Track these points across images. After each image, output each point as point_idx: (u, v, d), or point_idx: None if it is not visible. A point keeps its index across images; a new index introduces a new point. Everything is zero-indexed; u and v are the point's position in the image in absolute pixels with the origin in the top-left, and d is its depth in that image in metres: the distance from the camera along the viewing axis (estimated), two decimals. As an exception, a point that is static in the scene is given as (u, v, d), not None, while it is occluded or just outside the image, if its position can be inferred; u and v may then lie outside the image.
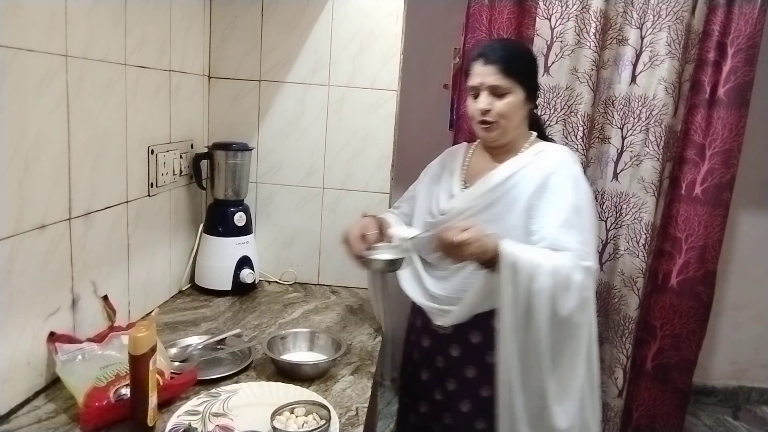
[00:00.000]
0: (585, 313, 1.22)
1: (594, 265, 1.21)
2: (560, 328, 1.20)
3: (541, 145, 1.34)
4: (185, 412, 1.02)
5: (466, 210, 1.31)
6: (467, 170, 1.41)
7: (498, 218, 1.27)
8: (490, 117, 1.28)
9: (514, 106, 1.28)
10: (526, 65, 1.33)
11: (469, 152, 1.45)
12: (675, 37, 1.99)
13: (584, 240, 1.21)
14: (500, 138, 1.32)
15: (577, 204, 1.23)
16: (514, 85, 1.27)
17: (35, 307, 1.03)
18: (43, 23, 0.99)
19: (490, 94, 1.28)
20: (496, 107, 1.27)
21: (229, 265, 1.66)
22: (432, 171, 1.50)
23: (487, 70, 1.27)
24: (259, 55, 1.73)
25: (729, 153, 2.12)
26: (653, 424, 2.35)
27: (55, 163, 1.06)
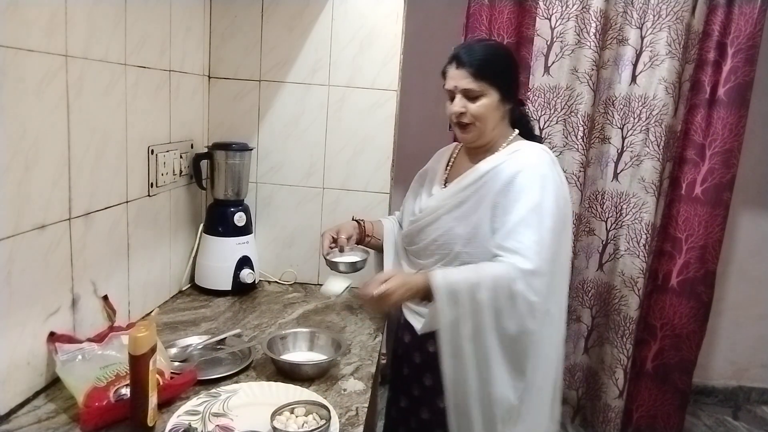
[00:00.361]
0: (536, 318, 1.21)
1: (541, 266, 1.19)
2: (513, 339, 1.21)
3: (519, 143, 1.34)
4: (185, 412, 1.02)
5: (438, 208, 1.34)
6: (450, 170, 1.44)
7: (465, 216, 1.29)
8: (465, 119, 1.30)
9: (488, 108, 1.29)
10: (500, 67, 1.31)
11: (455, 152, 1.48)
12: (675, 37, 1.99)
13: (539, 240, 1.20)
14: (477, 139, 1.33)
15: (540, 203, 1.22)
16: (486, 87, 1.27)
17: (35, 307, 1.03)
18: (43, 23, 0.99)
19: (464, 97, 1.29)
20: (470, 109, 1.29)
21: (229, 265, 1.66)
22: (420, 174, 1.54)
23: (460, 74, 1.28)
24: (259, 55, 1.73)
25: (729, 153, 2.12)
26: (653, 424, 2.35)
27: (55, 163, 1.06)
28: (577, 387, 2.35)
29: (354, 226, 1.53)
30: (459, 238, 1.29)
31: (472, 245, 1.28)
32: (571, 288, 2.19)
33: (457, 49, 1.32)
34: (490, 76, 1.27)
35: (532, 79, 2.08)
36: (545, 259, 1.20)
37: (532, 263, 1.18)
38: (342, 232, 1.48)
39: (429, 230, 1.35)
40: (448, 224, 1.32)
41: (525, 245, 1.19)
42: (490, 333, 1.20)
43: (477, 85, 1.26)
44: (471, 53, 1.29)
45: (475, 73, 1.26)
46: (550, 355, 1.30)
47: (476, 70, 1.27)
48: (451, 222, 1.31)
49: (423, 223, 1.37)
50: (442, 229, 1.32)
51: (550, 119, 2.08)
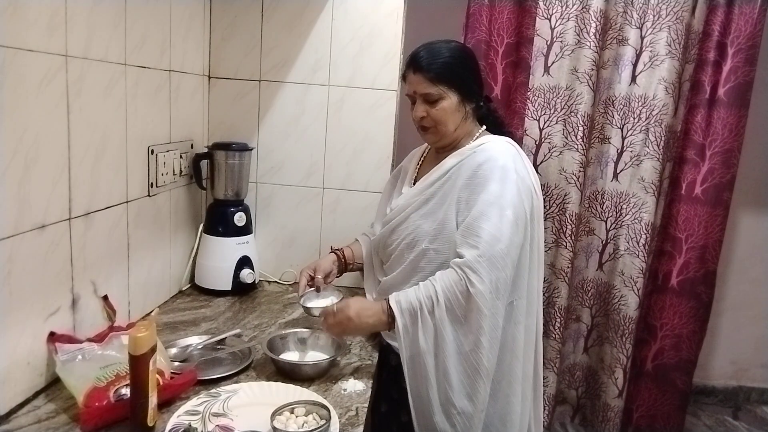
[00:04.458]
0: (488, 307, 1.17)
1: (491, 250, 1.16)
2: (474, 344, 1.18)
3: (484, 138, 1.34)
4: (185, 412, 1.02)
5: (407, 206, 1.35)
6: (420, 169, 1.46)
7: (431, 212, 1.30)
8: (426, 123, 1.31)
9: (448, 111, 1.29)
10: (457, 68, 1.30)
11: (426, 151, 1.49)
12: (675, 37, 1.99)
13: (496, 231, 1.18)
14: (440, 141, 1.35)
15: (500, 194, 1.21)
16: (444, 90, 1.27)
17: (35, 307, 1.03)
18: (43, 23, 0.99)
19: (424, 102, 1.30)
20: (430, 113, 1.29)
21: (229, 265, 1.66)
22: (392, 176, 1.56)
23: (417, 79, 1.29)
24: (259, 55, 1.73)
25: (729, 153, 2.12)
26: (653, 424, 2.35)
27: (55, 163, 1.06)
28: (576, 386, 2.35)
29: (333, 260, 1.50)
30: (426, 234, 1.29)
31: (438, 241, 1.27)
32: (571, 287, 2.19)
33: (414, 54, 1.31)
34: (448, 79, 1.27)
35: (532, 79, 2.08)
36: (502, 249, 1.17)
37: (482, 254, 1.16)
38: (319, 271, 1.45)
39: (399, 230, 1.35)
40: (415, 222, 1.32)
41: (481, 238, 1.18)
42: (450, 343, 1.18)
43: (435, 89, 1.27)
44: (427, 57, 1.28)
45: (432, 78, 1.27)
46: (515, 353, 1.28)
47: (433, 74, 1.27)
48: (418, 219, 1.31)
49: (393, 223, 1.37)
50: (411, 228, 1.32)
51: (550, 119, 2.08)
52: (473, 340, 1.18)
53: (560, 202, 2.11)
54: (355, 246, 1.57)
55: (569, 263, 2.13)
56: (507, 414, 1.29)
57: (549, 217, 2.11)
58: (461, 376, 1.19)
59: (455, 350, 1.19)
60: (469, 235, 1.20)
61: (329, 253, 1.54)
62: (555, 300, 2.16)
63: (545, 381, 2.18)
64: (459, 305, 1.17)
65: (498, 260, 1.17)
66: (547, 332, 2.16)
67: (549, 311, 2.15)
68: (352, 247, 1.56)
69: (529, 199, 1.26)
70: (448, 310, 1.17)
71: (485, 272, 1.15)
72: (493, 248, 1.17)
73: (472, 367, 1.19)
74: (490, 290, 1.16)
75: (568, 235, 2.11)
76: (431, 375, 1.19)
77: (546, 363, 2.15)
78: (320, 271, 1.44)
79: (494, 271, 1.16)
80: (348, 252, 1.54)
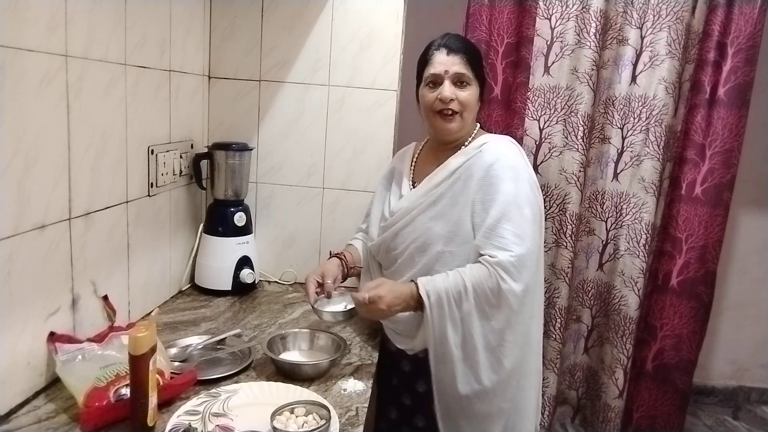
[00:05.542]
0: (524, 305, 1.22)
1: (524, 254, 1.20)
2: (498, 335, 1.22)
3: (484, 137, 1.34)
4: (185, 412, 1.02)
5: (412, 209, 1.32)
6: (415, 170, 1.42)
7: (443, 214, 1.28)
8: (453, 106, 1.28)
9: (474, 99, 1.30)
10: (481, 62, 1.34)
11: (417, 151, 1.46)
12: (675, 37, 1.99)
13: (520, 231, 1.20)
14: (459, 130, 1.32)
15: (516, 194, 1.22)
16: (473, 77, 1.29)
17: (35, 307, 1.03)
18: (43, 23, 0.99)
19: (454, 84, 1.27)
20: (459, 96, 1.27)
21: (229, 265, 1.66)
22: (383, 178, 1.51)
23: (451, 60, 1.27)
24: (259, 55, 1.73)
25: (729, 153, 2.11)
26: (653, 424, 2.34)
27: (55, 163, 1.06)
28: (577, 387, 2.35)
29: (337, 264, 1.44)
30: (439, 237, 1.27)
31: (454, 243, 1.26)
32: (571, 288, 2.19)
33: (444, 40, 1.31)
34: (477, 68, 1.30)
35: (532, 79, 2.08)
36: (528, 248, 1.21)
37: (515, 255, 1.18)
38: (327, 276, 1.38)
39: (405, 233, 1.32)
40: (424, 224, 1.29)
41: (508, 240, 1.19)
42: (478, 337, 1.21)
43: (469, 71, 1.27)
44: (460, 43, 1.30)
45: (468, 61, 1.27)
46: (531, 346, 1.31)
47: (468, 57, 1.28)
48: (427, 222, 1.29)
49: (397, 226, 1.34)
50: (420, 230, 1.30)
51: (550, 119, 2.08)
52: (499, 336, 1.22)
53: (560, 202, 2.11)
54: (352, 250, 1.53)
55: (569, 263, 2.13)
56: (523, 407, 1.31)
57: (549, 217, 2.11)
58: (487, 370, 1.23)
59: (483, 345, 1.21)
60: (493, 236, 1.20)
61: (331, 258, 1.48)
62: (555, 300, 2.16)
63: (545, 382, 2.18)
64: (488, 301, 1.19)
65: (528, 259, 1.20)
66: (547, 333, 2.16)
67: (549, 312, 2.15)
68: (350, 251, 1.52)
69: (540, 195, 1.30)
70: (477, 304, 1.19)
71: (517, 272, 1.18)
72: (521, 248, 1.19)
73: (497, 360, 1.23)
74: (523, 289, 1.19)
75: (569, 236, 2.11)
76: (458, 367, 1.22)
77: (546, 363, 2.15)
78: (329, 276, 1.38)
79: (525, 270, 1.19)
80: (349, 256, 1.49)
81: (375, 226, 1.45)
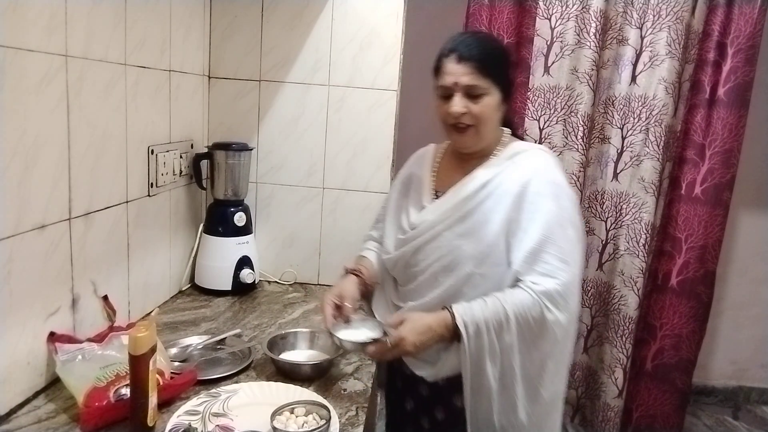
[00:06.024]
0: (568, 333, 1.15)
1: (570, 281, 1.10)
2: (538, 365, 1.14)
3: (516, 146, 1.23)
4: (185, 412, 1.02)
5: (437, 223, 1.19)
6: (437, 177, 1.29)
7: (473, 232, 1.16)
8: (466, 120, 1.16)
9: (491, 109, 1.16)
10: (502, 62, 1.19)
11: (438, 155, 1.33)
12: (675, 37, 1.99)
13: (565, 256, 1.10)
14: (476, 145, 1.21)
15: (559, 213, 1.12)
16: (490, 85, 1.14)
17: (35, 307, 1.03)
18: (43, 23, 0.99)
19: (465, 96, 1.15)
20: (472, 110, 1.15)
21: (229, 265, 1.66)
22: (399, 182, 1.37)
23: (461, 69, 1.14)
24: (259, 55, 1.73)
25: (729, 153, 2.12)
26: (653, 424, 2.35)
27: (55, 163, 1.06)
28: (576, 386, 2.35)
29: (355, 282, 1.29)
30: (469, 258, 1.15)
31: (485, 265, 1.15)
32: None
33: (457, 40, 1.17)
34: (495, 72, 1.15)
35: (532, 79, 2.08)
36: (574, 273, 1.11)
37: (561, 284, 1.09)
38: (346, 298, 1.23)
39: (428, 249, 1.20)
40: (451, 242, 1.17)
41: (552, 266, 1.09)
42: (517, 369, 1.12)
43: (482, 81, 1.13)
44: (473, 46, 1.15)
45: (480, 68, 1.13)
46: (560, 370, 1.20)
47: (481, 64, 1.13)
48: (455, 239, 1.16)
49: (419, 241, 1.21)
50: (446, 248, 1.17)
51: (550, 119, 2.08)
52: (540, 366, 1.13)
53: (560, 202, 2.11)
54: (367, 264, 1.36)
55: (569, 263, 2.13)
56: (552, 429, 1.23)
57: (549, 217, 2.11)
58: (524, 401, 1.14)
59: (522, 375, 1.12)
60: (536, 262, 1.10)
61: (348, 274, 1.33)
62: (555, 300, 2.16)
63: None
64: (530, 331, 1.10)
65: (574, 286, 1.11)
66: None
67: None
68: (366, 265, 1.36)
69: (578, 211, 1.19)
70: (519, 334, 1.09)
71: (563, 301, 1.09)
72: (567, 274, 1.10)
73: (535, 390, 1.14)
74: (568, 319, 1.11)
75: (568, 235, 2.11)
76: (495, 399, 1.13)
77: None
78: (348, 299, 1.23)
79: (571, 298, 1.11)
80: (366, 272, 1.33)
81: (390, 237, 1.32)
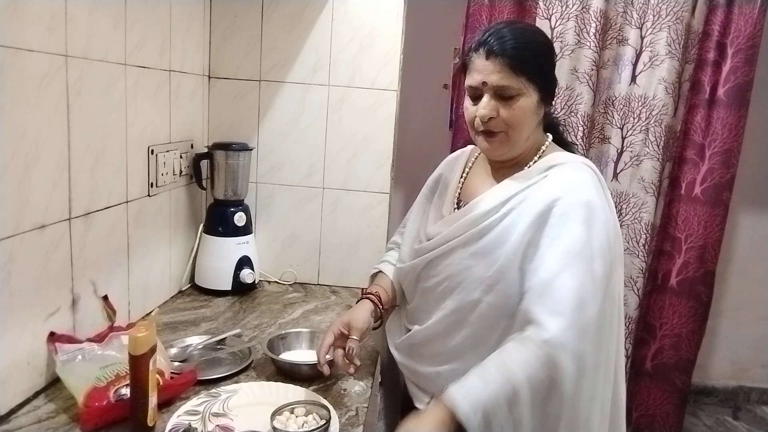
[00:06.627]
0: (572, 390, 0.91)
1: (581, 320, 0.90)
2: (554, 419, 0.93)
3: (554, 156, 1.06)
4: (185, 412, 1.02)
5: (450, 238, 1.06)
6: (464, 185, 1.16)
7: (487, 253, 1.01)
8: (494, 126, 1.02)
9: (526, 113, 1.01)
10: (541, 58, 1.02)
11: (471, 160, 1.19)
12: (675, 37, 2.00)
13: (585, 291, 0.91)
14: (508, 152, 1.05)
15: (586, 242, 0.94)
16: (525, 85, 0.99)
17: (35, 307, 1.03)
18: (43, 23, 0.99)
19: (495, 97, 1.00)
20: (502, 114, 1.00)
21: (229, 265, 1.66)
22: (427, 186, 1.27)
23: (491, 66, 0.98)
24: (259, 55, 1.73)
25: (729, 153, 2.12)
26: (653, 423, 2.35)
27: (55, 163, 1.06)
28: (576, 387, 2.35)
29: (369, 311, 1.17)
30: (479, 282, 1.01)
31: (495, 293, 1.00)
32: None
33: (489, 32, 1.01)
34: (533, 71, 0.99)
35: (532, 79, 2.08)
36: (592, 316, 0.91)
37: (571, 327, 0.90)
38: (353, 329, 1.11)
39: (440, 266, 1.07)
40: (463, 261, 1.03)
41: (565, 303, 0.90)
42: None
43: (516, 81, 0.98)
44: (507, 39, 0.98)
45: (514, 66, 0.97)
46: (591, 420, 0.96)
47: (515, 61, 0.97)
48: (467, 259, 1.03)
49: (431, 255, 1.09)
50: (456, 267, 1.04)
51: (550, 119, 2.08)
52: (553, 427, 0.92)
53: (560, 202, 2.11)
54: (385, 283, 1.25)
55: (569, 263, 2.13)
56: None
57: (549, 217, 2.12)
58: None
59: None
60: (547, 295, 0.92)
61: (362, 299, 1.21)
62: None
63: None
64: (540, 394, 0.90)
65: (587, 330, 0.91)
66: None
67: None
68: (384, 286, 1.24)
69: (618, 244, 1.00)
70: (532, 404, 0.89)
71: (572, 347, 0.89)
72: (582, 315, 0.90)
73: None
74: (577, 368, 0.90)
75: (568, 235, 2.11)
76: None
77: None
78: (355, 331, 1.12)
79: (582, 344, 0.90)
80: (384, 295, 1.22)
81: (407, 245, 1.20)
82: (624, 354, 1.05)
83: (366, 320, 1.16)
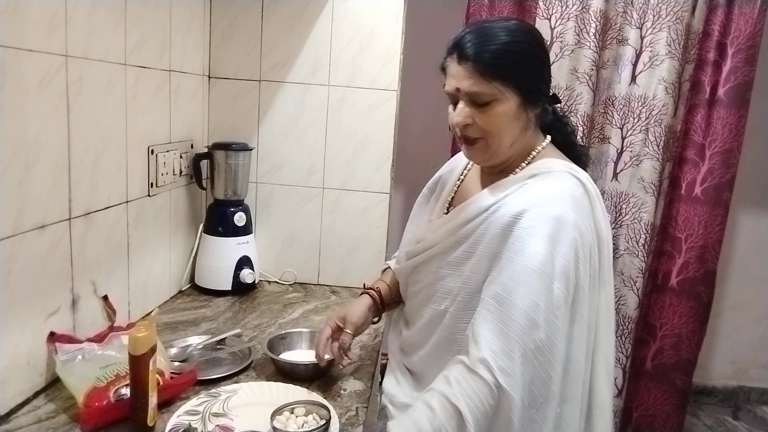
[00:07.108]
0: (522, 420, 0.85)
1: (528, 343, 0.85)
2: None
3: (542, 163, 0.99)
4: (185, 412, 1.02)
5: (431, 245, 1.04)
6: (459, 189, 1.13)
7: (458, 264, 0.98)
8: (471, 133, 0.97)
9: (503, 119, 0.94)
10: (519, 58, 0.94)
11: (470, 164, 1.15)
12: (675, 37, 2.00)
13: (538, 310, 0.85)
14: (490, 160, 1.01)
15: (547, 261, 0.87)
16: (501, 89, 0.92)
17: (35, 307, 1.03)
18: (43, 23, 0.99)
19: (469, 104, 0.95)
20: (477, 121, 0.95)
21: (229, 265, 1.66)
22: (427, 186, 1.25)
23: (462, 71, 0.94)
24: (259, 55, 1.73)
25: (729, 153, 2.12)
26: (653, 424, 2.35)
27: (55, 163, 1.06)
28: (576, 387, 2.35)
29: (367, 306, 1.17)
30: (448, 293, 0.99)
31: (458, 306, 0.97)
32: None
33: (460, 36, 0.96)
34: (506, 74, 0.92)
35: (532, 79, 2.08)
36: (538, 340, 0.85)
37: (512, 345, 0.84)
38: (348, 323, 1.11)
39: (423, 272, 1.06)
40: (440, 270, 1.01)
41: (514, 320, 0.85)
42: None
43: (487, 86, 0.92)
44: (478, 41, 0.93)
45: (483, 71, 0.92)
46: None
47: (485, 66, 0.92)
48: (443, 267, 1.00)
49: (416, 261, 1.08)
50: (433, 276, 1.02)
51: (550, 119, 2.08)
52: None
53: (560, 202, 2.11)
54: (389, 279, 1.25)
55: (569, 263, 2.13)
56: None
57: (549, 217, 2.12)
58: None
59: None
60: (497, 312, 0.87)
61: (362, 295, 1.21)
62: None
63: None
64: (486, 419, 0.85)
65: (536, 354, 0.85)
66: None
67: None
68: (388, 282, 1.24)
69: (586, 265, 0.91)
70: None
71: (518, 370, 0.84)
72: (529, 337, 0.85)
73: None
74: (522, 396, 0.84)
75: (568, 235, 2.11)
76: None
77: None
78: (349, 325, 1.11)
79: (529, 368, 0.84)
80: (385, 290, 1.21)
81: (403, 245, 1.20)
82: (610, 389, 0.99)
83: (362, 315, 1.15)
